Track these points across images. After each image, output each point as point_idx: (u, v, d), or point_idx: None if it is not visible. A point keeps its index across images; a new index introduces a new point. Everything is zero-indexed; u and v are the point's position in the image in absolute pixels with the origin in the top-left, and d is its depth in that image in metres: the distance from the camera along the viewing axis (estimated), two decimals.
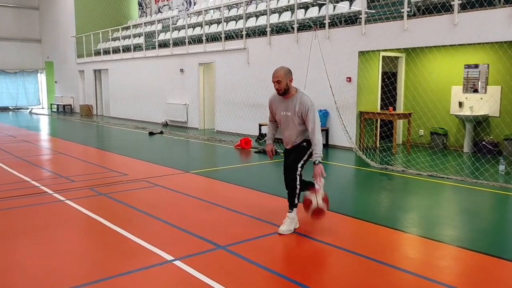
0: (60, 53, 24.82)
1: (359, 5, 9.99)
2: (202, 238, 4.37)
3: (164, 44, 16.71)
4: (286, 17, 12.17)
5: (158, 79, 16.87)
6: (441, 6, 8.46)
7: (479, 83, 9.55)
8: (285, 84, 4.51)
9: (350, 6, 10.35)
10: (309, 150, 4.61)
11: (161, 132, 13.91)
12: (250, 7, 13.94)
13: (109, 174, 7.69)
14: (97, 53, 21.26)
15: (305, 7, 11.85)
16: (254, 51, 12.59)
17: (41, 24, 26.72)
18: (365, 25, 9.66)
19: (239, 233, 4.54)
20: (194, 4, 18.87)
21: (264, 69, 12.02)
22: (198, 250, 4.08)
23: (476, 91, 9.61)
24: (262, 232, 4.56)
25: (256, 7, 13.77)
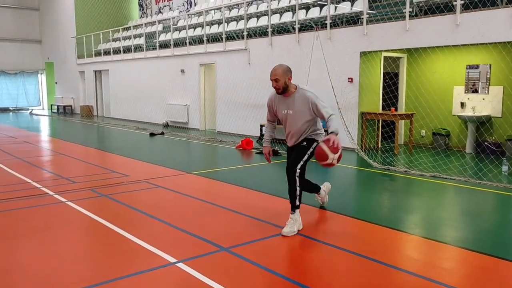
0: (60, 53, 24.79)
1: (361, 5, 9.96)
2: (205, 240, 4.33)
3: (164, 45, 16.68)
4: (287, 17, 12.13)
5: (158, 80, 16.83)
6: (443, 6, 8.43)
7: (479, 83, 9.52)
8: (284, 82, 4.46)
9: (351, 7, 10.32)
10: (309, 149, 4.57)
11: (162, 133, 13.88)
12: (251, 7, 13.91)
13: (110, 175, 7.65)
14: (98, 53, 21.23)
15: (306, 7, 11.82)
16: (255, 51, 12.56)
17: (41, 24, 26.69)
18: (366, 25, 9.62)
19: (242, 235, 4.50)
20: (195, 5, 18.85)
21: (265, 70, 11.97)
22: (201, 252, 4.04)
23: (475, 91, 9.59)
24: (265, 234, 4.52)
25: (257, 8, 13.74)
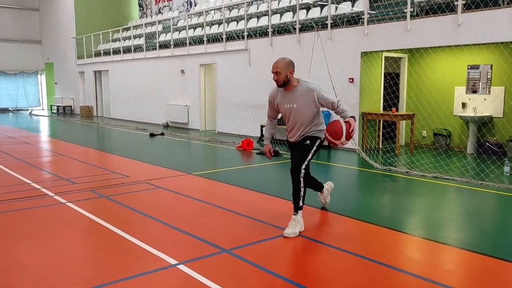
0: (60, 54, 24.76)
1: (362, 5, 9.92)
2: (206, 242, 4.29)
3: (164, 45, 16.65)
4: (287, 17, 12.10)
5: (158, 80, 16.80)
6: (445, 6, 8.40)
7: (480, 83, 9.49)
8: (285, 76, 4.43)
9: (352, 7, 10.28)
10: (313, 148, 4.54)
11: (162, 134, 13.84)
12: (251, 7, 13.88)
13: (110, 176, 7.61)
14: (97, 54, 21.20)
15: (307, 7, 11.79)
16: (255, 52, 12.53)
17: (41, 25, 26.66)
18: (367, 25, 9.59)
19: (244, 236, 4.46)
20: (195, 5, 18.82)
21: (266, 70, 11.93)
22: (202, 253, 4.00)
23: (475, 91, 9.56)
24: (267, 235, 4.48)
25: (257, 8, 13.71)
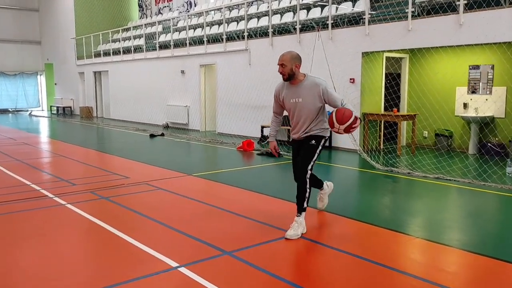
0: (60, 54, 24.71)
1: (362, 6, 9.88)
2: (207, 244, 4.24)
3: (164, 46, 16.61)
4: (288, 18, 12.06)
5: (158, 81, 16.76)
6: (447, 6, 8.35)
7: (480, 84, 9.45)
8: (290, 69, 4.35)
9: (353, 7, 10.24)
10: (318, 148, 4.49)
11: (162, 134, 13.80)
12: (251, 8, 13.84)
13: (110, 177, 7.57)
14: (97, 54, 21.15)
15: (307, 8, 11.75)
16: (256, 52, 12.48)
17: (41, 25, 26.62)
18: (368, 25, 9.55)
19: (245, 238, 4.41)
20: (195, 5, 18.78)
21: (266, 71, 11.93)
22: (203, 256, 3.95)
23: (474, 92, 9.52)
24: (268, 237, 4.43)
25: (257, 8, 13.67)
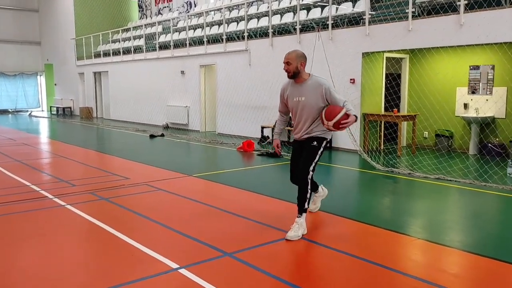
0: (59, 55, 24.70)
1: (363, 6, 9.87)
2: (208, 245, 4.23)
3: (164, 46, 16.59)
4: (288, 18, 12.04)
5: (158, 81, 16.74)
6: (447, 6, 8.34)
7: (480, 84, 9.44)
8: (295, 67, 4.39)
9: (353, 7, 10.23)
10: (320, 149, 4.49)
11: (162, 135, 13.78)
12: (251, 8, 13.82)
13: (110, 177, 7.55)
14: (97, 55, 21.13)
15: (307, 8, 11.73)
16: (256, 52, 12.47)
17: (40, 26, 26.60)
18: (369, 26, 9.53)
19: (245, 239, 4.39)
20: (195, 6, 18.77)
21: (266, 71, 11.91)
22: (203, 257, 3.93)
23: (474, 92, 9.50)
24: (269, 238, 4.41)
25: (257, 9, 13.65)
